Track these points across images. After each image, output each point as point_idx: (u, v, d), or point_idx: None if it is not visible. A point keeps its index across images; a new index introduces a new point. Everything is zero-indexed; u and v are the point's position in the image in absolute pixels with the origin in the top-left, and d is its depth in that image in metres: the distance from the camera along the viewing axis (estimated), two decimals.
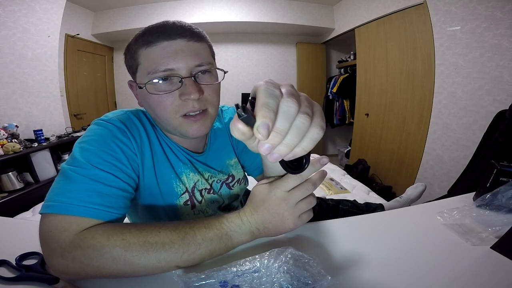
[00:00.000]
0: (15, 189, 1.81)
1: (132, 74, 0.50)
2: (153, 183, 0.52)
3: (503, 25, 1.49)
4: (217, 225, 0.39)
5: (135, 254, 0.35)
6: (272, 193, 0.39)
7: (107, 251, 0.34)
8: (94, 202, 0.38)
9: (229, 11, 3.16)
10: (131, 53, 0.48)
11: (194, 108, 0.46)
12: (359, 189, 1.84)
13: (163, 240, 0.36)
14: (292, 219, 0.39)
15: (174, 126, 0.48)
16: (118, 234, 0.36)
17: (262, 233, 0.40)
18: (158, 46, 0.45)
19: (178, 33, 0.45)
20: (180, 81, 0.45)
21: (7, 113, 2.03)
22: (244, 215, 0.40)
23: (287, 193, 0.38)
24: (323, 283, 0.32)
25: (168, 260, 0.36)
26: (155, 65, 0.44)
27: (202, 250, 0.38)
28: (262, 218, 0.39)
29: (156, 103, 0.46)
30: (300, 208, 0.39)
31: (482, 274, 0.40)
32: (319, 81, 3.95)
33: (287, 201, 0.38)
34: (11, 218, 0.66)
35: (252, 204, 0.41)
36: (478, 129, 1.67)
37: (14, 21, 2.04)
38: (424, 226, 0.54)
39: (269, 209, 0.39)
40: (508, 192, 0.53)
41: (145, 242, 0.36)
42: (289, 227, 0.39)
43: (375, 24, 2.62)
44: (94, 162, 0.41)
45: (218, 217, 0.41)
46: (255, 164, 0.68)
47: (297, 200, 0.39)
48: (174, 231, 0.37)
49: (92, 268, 0.34)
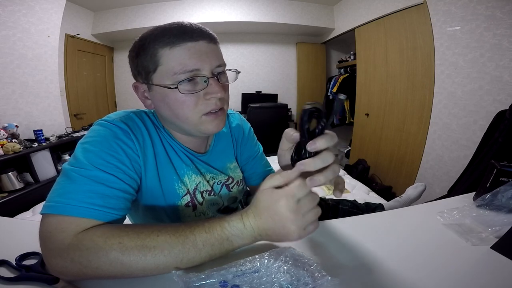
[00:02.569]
0: (15, 189, 1.81)
1: (146, 75, 0.48)
2: (156, 184, 0.52)
3: (503, 25, 1.49)
4: (218, 230, 0.38)
5: (132, 259, 0.34)
6: (280, 202, 0.36)
7: (104, 254, 0.34)
8: (95, 203, 0.38)
9: (229, 11, 3.17)
10: (149, 53, 0.46)
11: (217, 106, 0.49)
12: (359, 189, 1.84)
13: (162, 245, 0.36)
14: (298, 231, 0.36)
15: (194, 124, 0.49)
16: (116, 237, 0.36)
17: (264, 239, 0.39)
18: (182, 46, 0.45)
19: (199, 34, 0.46)
20: (205, 81, 0.46)
21: (7, 113, 2.03)
22: (247, 219, 0.39)
23: (297, 205, 0.36)
24: (323, 283, 0.32)
25: (167, 264, 0.36)
26: (182, 65, 0.45)
27: (203, 255, 0.37)
28: (265, 226, 0.38)
29: (180, 103, 0.47)
30: (307, 219, 0.37)
31: (482, 274, 0.40)
32: (319, 81, 3.95)
33: (296, 213, 0.36)
34: (11, 218, 0.66)
35: (256, 209, 0.39)
36: (478, 129, 1.67)
37: (14, 21, 2.04)
38: (424, 226, 0.54)
39: (274, 219, 0.37)
40: (508, 192, 0.53)
41: (143, 246, 0.35)
42: (293, 238, 0.37)
43: (375, 24, 2.62)
44: (96, 163, 0.41)
45: (220, 221, 0.39)
46: (256, 174, 0.72)
47: (306, 211, 0.37)
48: (174, 235, 0.37)
49: (91, 270, 0.34)
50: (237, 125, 0.70)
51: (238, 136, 0.70)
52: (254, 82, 3.90)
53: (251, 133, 0.74)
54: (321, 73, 3.96)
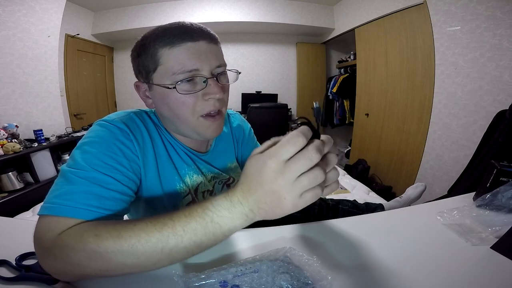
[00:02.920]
0: (15, 189, 1.81)
1: (147, 74, 0.48)
2: (156, 184, 0.52)
3: (503, 25, 1.49)
4: (199, 212, 0.33)
5: (109, 250, 0.32)
6: (265, 164, 0.30)
7: (81, 248, 0.33)
8: (91, 204, 0.38)
9: (229, 11, 3.17)
10: (149, 53, 0.47)
11: (215, 107, 0.48)
12: (359, 189, 1.84)
13: (138, 233, 0.33)
14: (291, 198, 0.30)
15: (192, 127, 0.49)
16: (92, 230, 0.34)
17: (258, 215, 0.33)
18: (182, 46, 0.45)
19: (200, 34, 0.46)
20: (205, 81, 0.46)
21: (7, 113, 2.03)
22: (234, 194, 0.33)
23: (283, 164, 0.30)
24: (323, 283, 0.32)
25: (147, 255, 0.33)
26: (181, 65, 0.45)
27: (186, 242, 0.33)
28: (256, 197, 0.32)
29: (178, 103, 0.47)
30: (301, 184, 0.30)
31: (482, 274, 0.40)
32: (319, 81, 3.95)
33: (283, 174, 0.30)
34: (11, 218, 0.66)
35: (244, 180, 0.33)
36: (478, 129, 1.67)
37: (14, 21, 2.04)
38: (424, 226, 0.54)
39: (263, 185, 0.31)
40: (508, 192, 0.53)
41: (118, 237, 0.33)
42: (287, 207, 0.31)
43: (375, 24, 2.62)
44: (94, 165, 0.41)
45: (202, 203, 0.34)
46: None
47: (297, 173, 0.30)
48: (151, 223, 0.34)
49: (74, 266, 0.34)
50: (238, 125, 0.70)
51: (239, 136, 0.70)
52: (254, 82, 3.90)
53: (251, 133, 0.74)
54: (321, 73, 3.95)
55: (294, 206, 0.31)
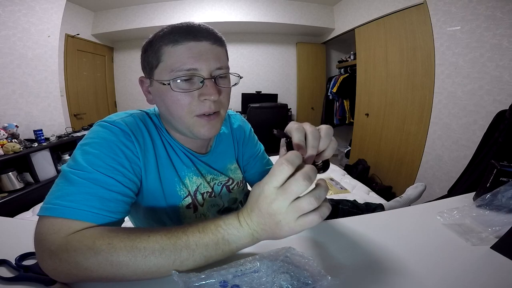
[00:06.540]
0: (15, 189, 1.81)
1: (150, 70, 0.50)
2: (157, 186, 0.52)
3: (503, 25, 1.49)
4: (212, 229, 0.35)
5: (122, 259, 0.33)
6: (263, 190, 0.33)
7: (92, 255, 0.33)
8: (93, 206, 0.38)
9: (229, 11, 3.17)
10: (154, 49, 0.48)
11: (210, 109, 0.48)
12: (359, 189, 1.84)
13: (153, 246, 0.34)
14: (286, 222, 0.32)
15: (187, 125, 0.49)
16: (105, 238, 0.35)
17: (262, 236, 0.36)
18: (184, 45, 0.45)
19: (204, 35, 0.47)
20: (202, 81, 0.46)
21: (7, 113, 2.03)
22: (242, 215, 0.36)
23: (275, 191, 0.32)
24: (323, 283, 0.32)
25: (158, 266, 0.34)
26: (180, 63, 0.45)
27: (196, 256, 0.35)
28: (257, 219, 0.35)
29: (174, 100, 0.47)
30: (297, 208, 0.31)
31: (482, 274, 0.40)
32: (319, 81, 3.95)
33: (277, 200, 0.32)
34: (11, 218, 0.66)
35: (249, 203, 0.36)
36: (478, 129, 1.67)
37: (14, 21, 2.04)
38: (424, 226, 0.54)
39: (261, 210, 0.33)
40: (508, 192, 0.53)
41: (132, 247, 0.34)
42: (284, 230, 0.33)
43: (375, 24, 2.62)
44: (96, 166, 0.41)
45: (215, 220, 0.37)
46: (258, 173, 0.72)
47: (291, 198, 0.31)
48: (165, 236, 0.35)
49: (81, 271, 0.34)
50: (239, 126, 0.70)
51: (239, 137, 0.70)
52: (254, 82, 3.90)
53: (252, 133, 0.74)
54: (321, 73, 3.96)
55: (290, 230, 0.33)
